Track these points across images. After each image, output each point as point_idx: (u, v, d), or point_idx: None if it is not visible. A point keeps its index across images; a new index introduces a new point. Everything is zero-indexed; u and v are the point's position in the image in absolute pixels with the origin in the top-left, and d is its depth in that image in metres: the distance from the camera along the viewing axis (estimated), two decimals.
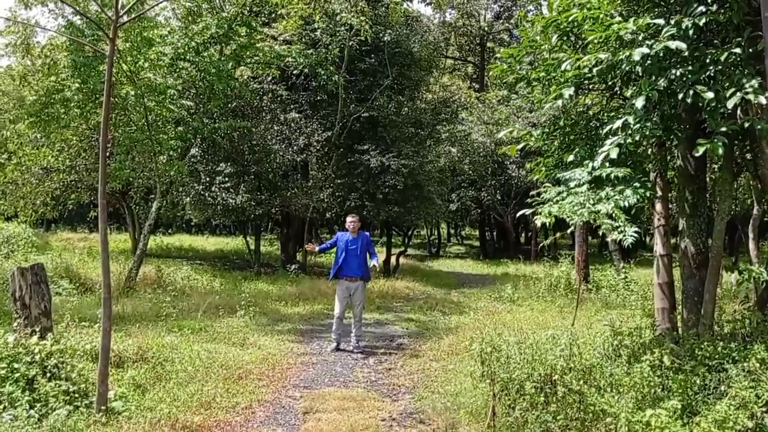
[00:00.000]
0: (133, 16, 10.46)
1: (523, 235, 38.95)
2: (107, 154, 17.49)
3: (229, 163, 17.17)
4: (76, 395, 5.25)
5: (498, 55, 7.23)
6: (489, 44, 36.93)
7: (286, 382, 6.77)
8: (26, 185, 17.63)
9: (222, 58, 14.57)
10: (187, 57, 13.49)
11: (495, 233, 37.30)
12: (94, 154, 17.73)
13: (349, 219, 9.00)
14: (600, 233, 17.12)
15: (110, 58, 5.57)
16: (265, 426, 5.34)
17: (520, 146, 6.87)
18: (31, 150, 17.57)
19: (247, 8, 15.00)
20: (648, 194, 5.30)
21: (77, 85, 12.00)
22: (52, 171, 17.77)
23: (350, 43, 17.51)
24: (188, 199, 17.99)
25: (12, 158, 17.17)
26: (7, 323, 6.34)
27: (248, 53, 15.47)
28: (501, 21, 35.53)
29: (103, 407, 5.06)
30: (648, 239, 32.45)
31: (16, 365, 5.26)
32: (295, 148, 17.37)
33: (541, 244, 8.69)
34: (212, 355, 7.24)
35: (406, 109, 19.36)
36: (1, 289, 10.09)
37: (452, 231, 46.38)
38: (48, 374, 5.30)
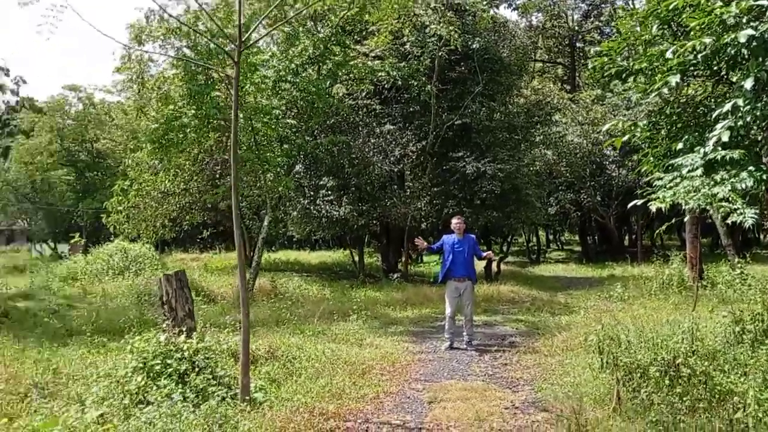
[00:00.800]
0: (249, 43, 11.25)
1: (626, 237, 37.67)
2: (218, 176, 18.46)
3: (330, 177, 17.86)
4: (221, 387, 5.77)
5: (598, 49, 7.29)
6: (578, 44, 36.28)
7: (407, 376, 7.10)
8: (147, 209, 19.02)
9: (320, 77, 15.28)
10: (288, 78, 14.27)
11: (596, 236, 36.34)
12: (205, 176, 18.90)
13: (454, 221, 9.22)
14: (715, 222, 16.37)
15: (236, 80, 6.13)
16: (394, 413, 5.67)
17: (625, 138, 6.88)
18: (149, 176, 18.95)
19: (340, 28, 15.66)
20: (765, 177, 5.23)
21: (192, 111, 12.96)
22: (169, 194, 19.09)
23: (440, 53, 17.84)
24: (295, 212, 18.81)
25: (133, 185, 18.58)
26: (148, 330, 6.91)
27: (343, 70, 16.14)
28: (590, 20, 34.82)
29: (246, 397, 5.54)
30: (762, 236, 30.67)
31: (168, 361, 5.85)
32: (391, 159, 17.78)
33: (657, 231, 8.56)
34: (335, 353, 7.67)
35: (498, 114, 19.41)
36: (138, 301, 11.05)
37: (551, 237, 45.53)
38: (196, 369, 5.86)
